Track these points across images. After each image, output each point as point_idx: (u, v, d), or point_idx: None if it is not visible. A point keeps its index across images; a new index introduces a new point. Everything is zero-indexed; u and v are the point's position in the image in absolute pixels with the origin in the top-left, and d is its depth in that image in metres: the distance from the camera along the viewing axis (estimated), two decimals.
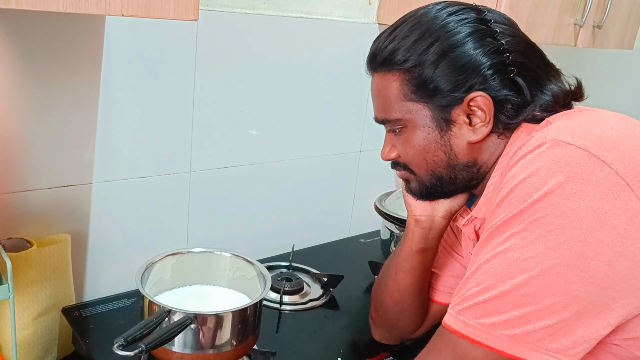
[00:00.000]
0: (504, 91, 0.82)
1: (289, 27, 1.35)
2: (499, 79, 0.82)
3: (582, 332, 0.67)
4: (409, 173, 0.93)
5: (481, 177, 0.89)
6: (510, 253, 0.69)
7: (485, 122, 0.83)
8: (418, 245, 1.01)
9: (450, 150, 0.86)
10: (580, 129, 0.72)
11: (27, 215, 1.10)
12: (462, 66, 0.82)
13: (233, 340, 0.97)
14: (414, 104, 0.85)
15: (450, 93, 0.82)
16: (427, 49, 0.83)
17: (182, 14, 0.81)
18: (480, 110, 0.82)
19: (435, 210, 0.99)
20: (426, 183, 0.91)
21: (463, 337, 0.72)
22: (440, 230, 1.00)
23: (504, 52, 0.82)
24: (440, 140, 0.86)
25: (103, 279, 1.24)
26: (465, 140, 0.85)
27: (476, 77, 0.81)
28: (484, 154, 0.86)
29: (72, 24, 1.04)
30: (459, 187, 0.91)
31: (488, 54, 0.81)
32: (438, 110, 0.84)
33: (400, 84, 0.86)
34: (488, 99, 0.81)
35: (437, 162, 0.88)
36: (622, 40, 1.61)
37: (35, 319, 1.07)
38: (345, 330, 1.22)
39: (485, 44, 0.82)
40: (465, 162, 0.87)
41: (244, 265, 1.11)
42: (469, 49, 0.82)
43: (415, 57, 0.84)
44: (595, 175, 0.67)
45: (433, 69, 0.82)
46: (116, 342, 0.80)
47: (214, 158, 1.33)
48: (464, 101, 0.82)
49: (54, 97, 1.06)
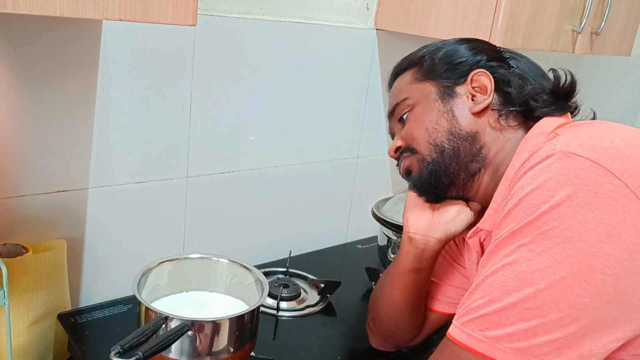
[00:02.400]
0: (505, 73, 0.90)
1: (286, 33, 1.35)
2: (499, 65, 0.91)
3: (589, 346, 0.66)
4: (412, 155, 0.93)
5: (482, 160, 0.88)
6: (517, 265, 0.68)
7: (487, 94, 0.89)
8: (411, 264, 1.00)
9: (452, 117, 0.89)
10: (589, 141, 0.71)
11: (22, 220, 1.09)
12: (465, 53, 0.92)
13: (230, 347, 0.96)
14: (422, 83, 0.94)
15: (454, 72, 0.91)
16: (434, 46, 0.96)
17: (181, 19, 0.80)
18: (481, 87, 0.89)
19: (430, 230, 0.98)
20: (427, 159, 0.90)
21: (467, 349, 0.71)
22: (434, 252, 0.99)
23: (505, 57, 0.93)
24: (443, 109, 0.90)
25: (99, 284, 1.23)
26: (468, 110, 0.89)
27: (477, 61, 0.91)
28: (486, 132, 0.88)
29: (68, 29, 1.04)
30: (461, 168, 0.89)
31: (489, 51, 0.93)
32: (443, 86, 0.92)
33: (411, 73, 0.96)
34: (488, 74, 0.89)
35: (439, 130, 0.90)
36: (620, 46, 1.61)
37: (30, 325, 1.06)
38: (342, 337, 1.21)
39: (486, 48, 0.94)
40: (468, 132, 0.88)
41: (241, 271, 1.10)
42: (470, 46, 0.94)
43: (422, 52, 0.96)
44: (604, 188, 0.66)
45: (438, 55, 0.93)
46: (113, 350, 0.79)
47: (211, 163, 1.32)
48: (467, 79, 0.90)
49: (49, 102, 1.06)
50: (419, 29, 1.37)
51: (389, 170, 1.71)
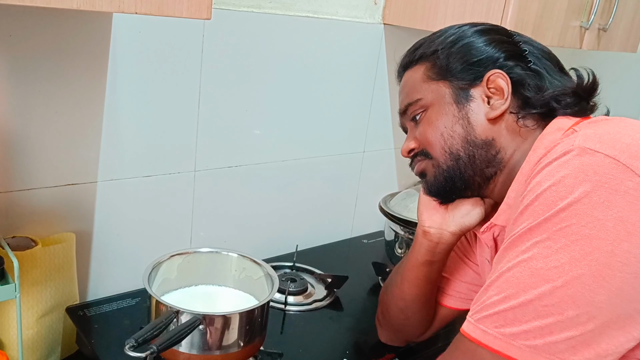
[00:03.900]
0: (522, 72, 0.86)
1: (294, 27, 1.34)
2: (518, 64, 0.86)
3: (605, 345, 0.65)
4: (427, 160, 0.92)
5: (499, 163, 0.87)
6: (534, 262, 0.68)
7: (503, 99, 0.85)
8: (424, 257, 1.00)
9: (468, 124, 0.87)
10: (608, 137, 0.70)
11: (31, 213, 1.09)
12: (481, 50, 0.87)
13: (240, 341, 0.96)
14: (436, 83, 0.90)
15: (469, 72, 0.87)
16: (450, 37, 0.90)
17: (195, 13, 0.80)
18: (498, 88, 0.86)
19: (445, 224, 0.97)
20: (443, 166, 0.89)
21: (482, 346, 0.70)
22: (448, 245, 0.99)
23: (521, 49, 0.88)
24: (458, 114, 0.87)
25: (107, 277, 1.23)
26: (484, 116, 0.86)
27: (496, 58, 0.87)
28: (503, 136, 0.86)
29: (79, 23, 1.03)
30: (476, 174, 0.88)
31: (507, 44, 0.88)
32: (457, 88, 0.88)
33: (424, 70, 0.92)
34: (505, 76, 0.85)
35: (455, 137, 0.87)
36: (627, 43, 1.61)
37: (39, 318, 1.06)
38: (350, 331, 1.22)
39: (503, 38, 0.89)
40: (484, 139, 0.86)
41: (251, 265, 1.10)
42: (490, 38, 0.89)
43: (436, 45, 0.91)
44: (624, 185, 0.65)
45: (453, 50, 0.89)
46: (127, 343, 0.79)
47: (219, 157, 1.32)
48: (483, 80, 0.86)
49: (59, 95, 1.05)
50: (427, 24, 1.37)
51: (395, 165, 1.71)
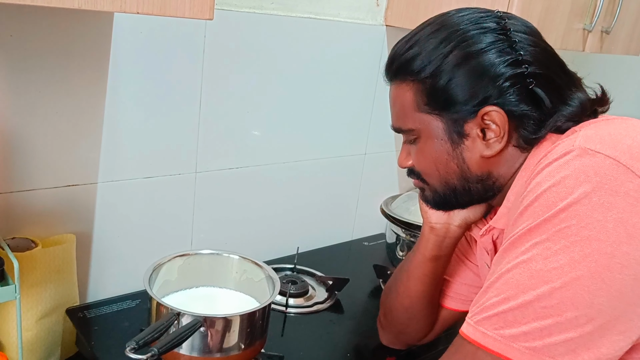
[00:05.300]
0: (522, 105, 0.79)
1: (296, 28, 1.34)
2: (517, 92, 0.79)
3: (606, 349, 0.65)
4: (423, 182, 0.91)
5: (498, 189, 0.86)
6: (533, 263, 0.67)
7: (499, 137, 0.80)
8: (431, 252, 1.00)
9: (462, 162, 0.84)
10: (609, 138, 0.69)
11: (31, 214, 1.08)
12: (477, 78, 0.79)
13: (241, 343, 0.96)
14: (427, 115, 0.84)
15: (464, 106, 0.81)
16: (444, 57, 0.81)
17: (198, 13, 0.79)
18: (495, 124, 0.80)
19: (451, 219, 0.98)
20: (440, 193, 0.90)
21: (482, 348, 0.70)
22: (455, 238, 0.99)
23: (522, 63, 0.79)
24: (452, 153, 0.84)
25: (107, 279, 1.22)
26: (479, 154, 0.83)
27: (491, 90, 0.79)
28: (500, 167, 0.84)
29: (79, 23, 1.03)
30: (474, 199, 0.89)
31: (505, 66, 0.79)
32: (451, 122, 0.83)
33: (414, 94, 0.85)
34: (502, 114, 0.79)
35: (450, 173, 0.86)
36: (629, 46, 1.61)
37: (39, 320, 1.05)
38: (351, 334, 1.21)
39: (502, 55, 0.80)
40: (479, 175, 0.85)
41: (252, 267, 1.10)
42: (486, 61, 0.79)
43: (430, 67, 0.82)
44: (624, 187, 0.64)
45: (447, 80, 0.81)
46: (128, 346, 0.79)
47: (220, 159, 1.32)
48: (478, 115, 0.80)
49: (59, 96, 1.05)
50: None
51: (396, 168, 1.70)
